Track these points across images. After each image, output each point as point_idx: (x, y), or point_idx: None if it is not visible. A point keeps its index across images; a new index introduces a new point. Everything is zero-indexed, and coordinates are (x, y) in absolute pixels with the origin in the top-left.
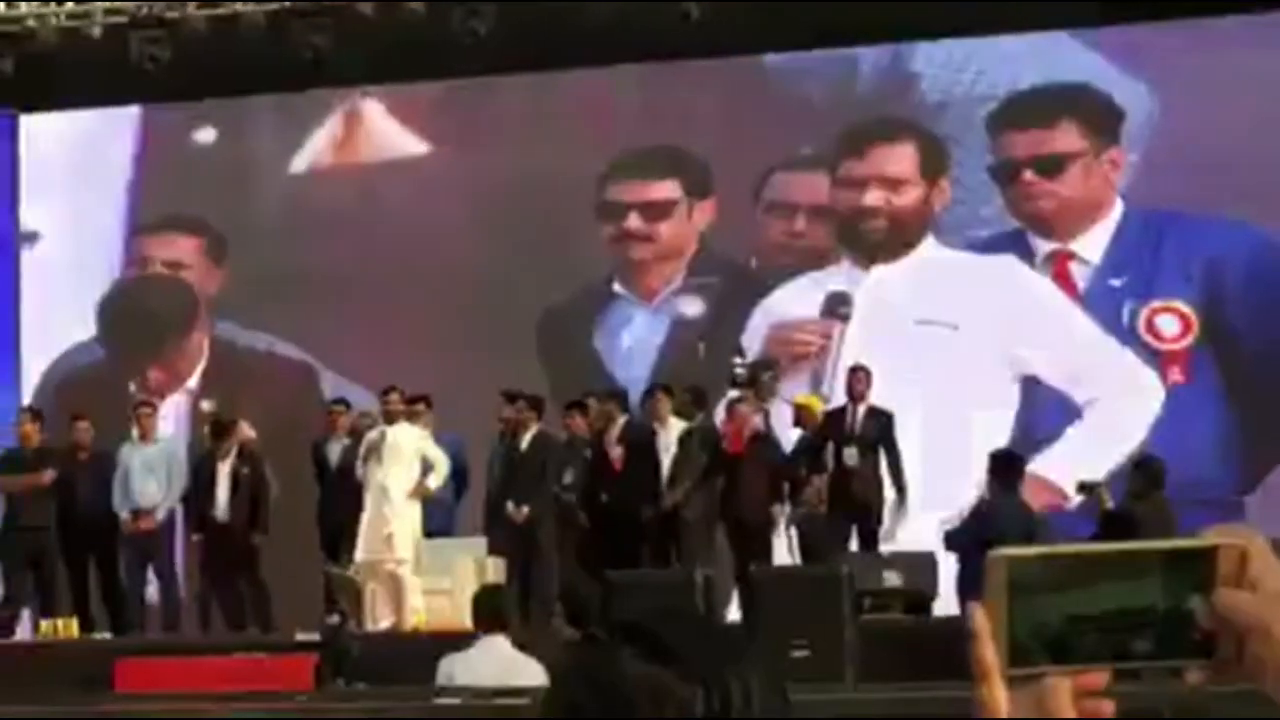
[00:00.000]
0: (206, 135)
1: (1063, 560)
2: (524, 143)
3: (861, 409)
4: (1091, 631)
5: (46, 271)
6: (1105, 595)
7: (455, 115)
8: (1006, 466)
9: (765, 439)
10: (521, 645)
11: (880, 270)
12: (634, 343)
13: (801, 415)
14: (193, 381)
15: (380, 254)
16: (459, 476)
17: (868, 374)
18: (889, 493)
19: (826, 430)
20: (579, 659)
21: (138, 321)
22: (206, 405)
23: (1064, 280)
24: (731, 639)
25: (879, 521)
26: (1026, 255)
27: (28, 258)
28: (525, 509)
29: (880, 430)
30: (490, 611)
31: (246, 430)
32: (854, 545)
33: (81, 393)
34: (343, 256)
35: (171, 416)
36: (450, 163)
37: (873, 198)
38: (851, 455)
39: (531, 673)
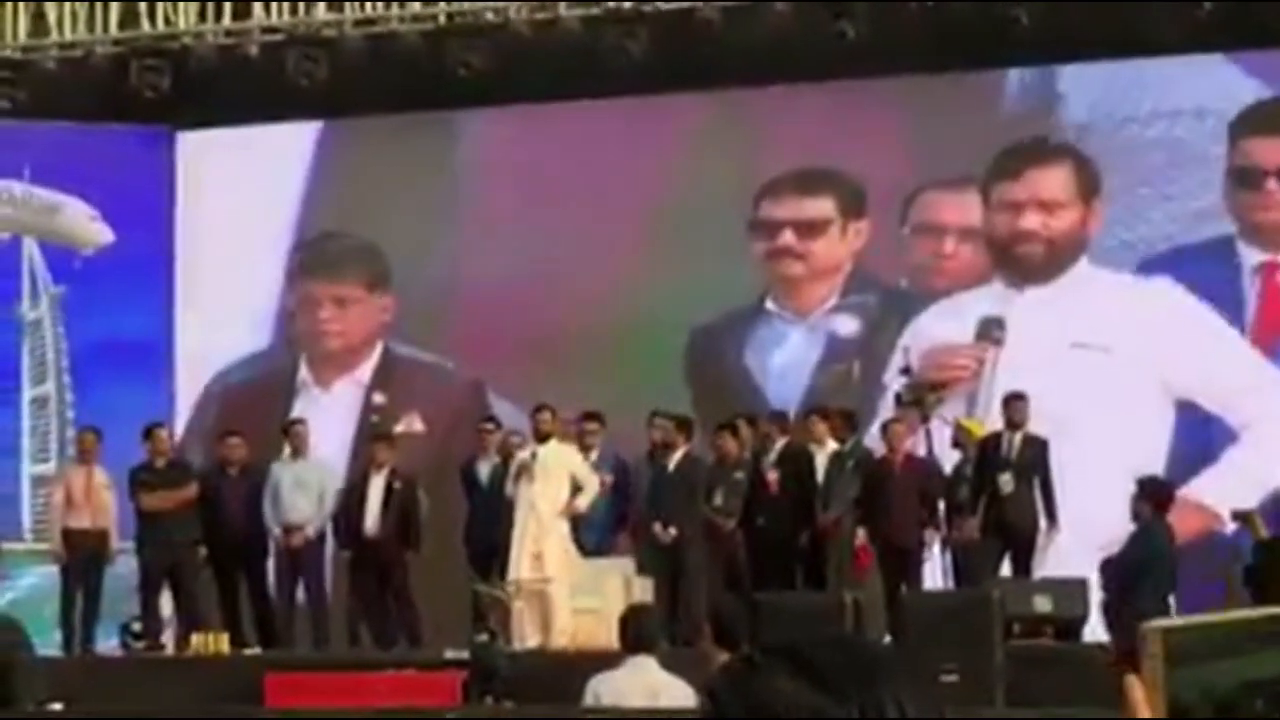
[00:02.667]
0: (363, 152)
1: (1220, 629)
2: (677, 161)
3: (1018, 436)
4: (1262, 696)
5: (201, 288)
6: (1270, 661)
7: (610, 134)
8: (1155, 492)
9: (920, 461)
10: (668, 666)
11: (1033, 293)
12: (786, 361)
13: (961, 437)
14: (364, 374)
15: (536, 272)
16: (619, 495)
17: (1025, 401)
18: (1042, 520)
19: (983, 456)
20: (733, 680)
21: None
22: (379, 398)
23: (1270, 292)
24: (884, 660)
25: (1032, 548)
26: (1230, 264)
27: (182, 274)
28: (672, 529)
29: (1035, 457)
30: (638, 631)
31: (418, 424)
32: (1006, 570)
33: (237, 408)
34: (501, 276)
35: (338, 405)
36: (605, 181)
37: (1029, 221)
38: (1007, 482)
39: (680, 694)
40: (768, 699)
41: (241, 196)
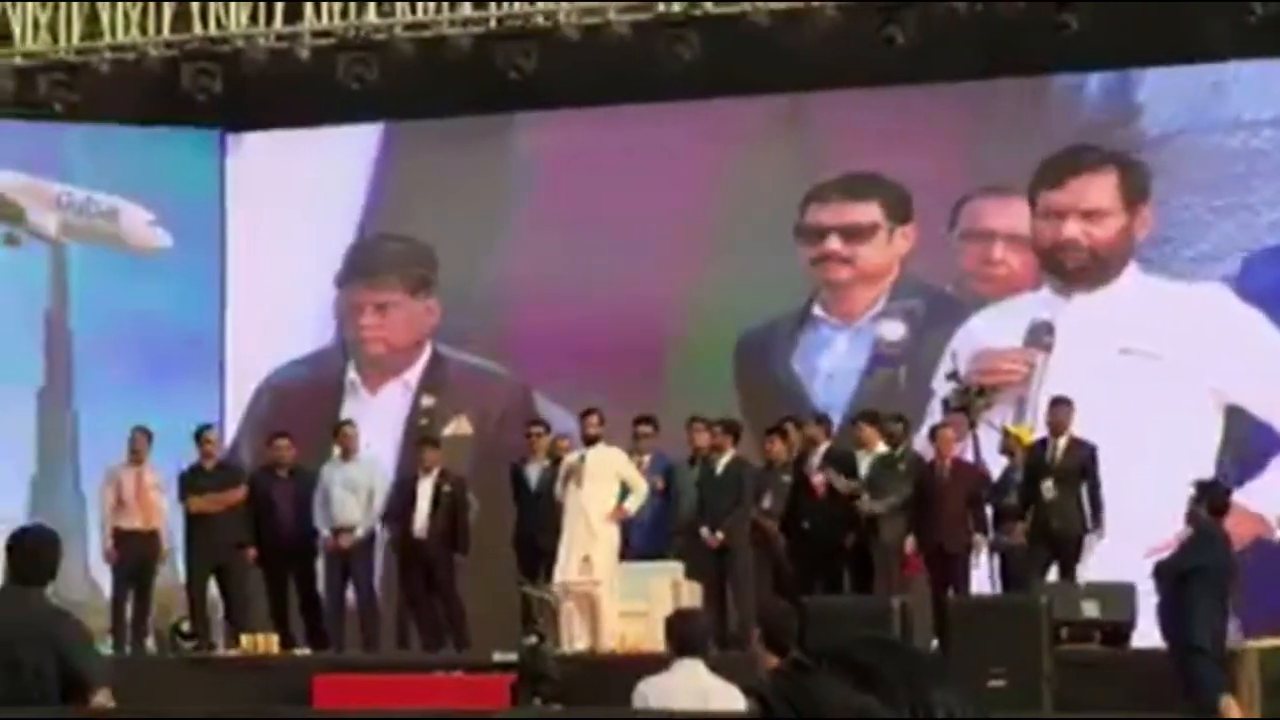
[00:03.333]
0: (413, 155)
1: None
2: (725, 166)
3: (1063, 441)
4: None
5: (252, 290)
6: None
7: (658, 139)
8: (1213, 496)
9: (968, 466)
10: (717, 669)
11: (1082, 299)
12: (834, 366)
13: (1009, 443)
14: (412, 376)
15: (584, 276)
16: (667, 499)
17: (1069, 406)
18: (1089, 525)
19: (1031, 462)
20: (782, 684)
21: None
22: (428, 401)
23: None
24: (933, 664)
25: (1078, 554)
26: None
27: (234, 275)
28: (719, 534)
29: (1082, 462)
30: (686, 635)
31: (465, 425)
32: (1053, 576)
33: (286, 410)
34: (547, 279)
35: (387, 407)
36: (653, 185)
37: (1072, 230)
38: (1049, 489)
39: (728, 698)
40: (817, 702)
41: (292, 199)
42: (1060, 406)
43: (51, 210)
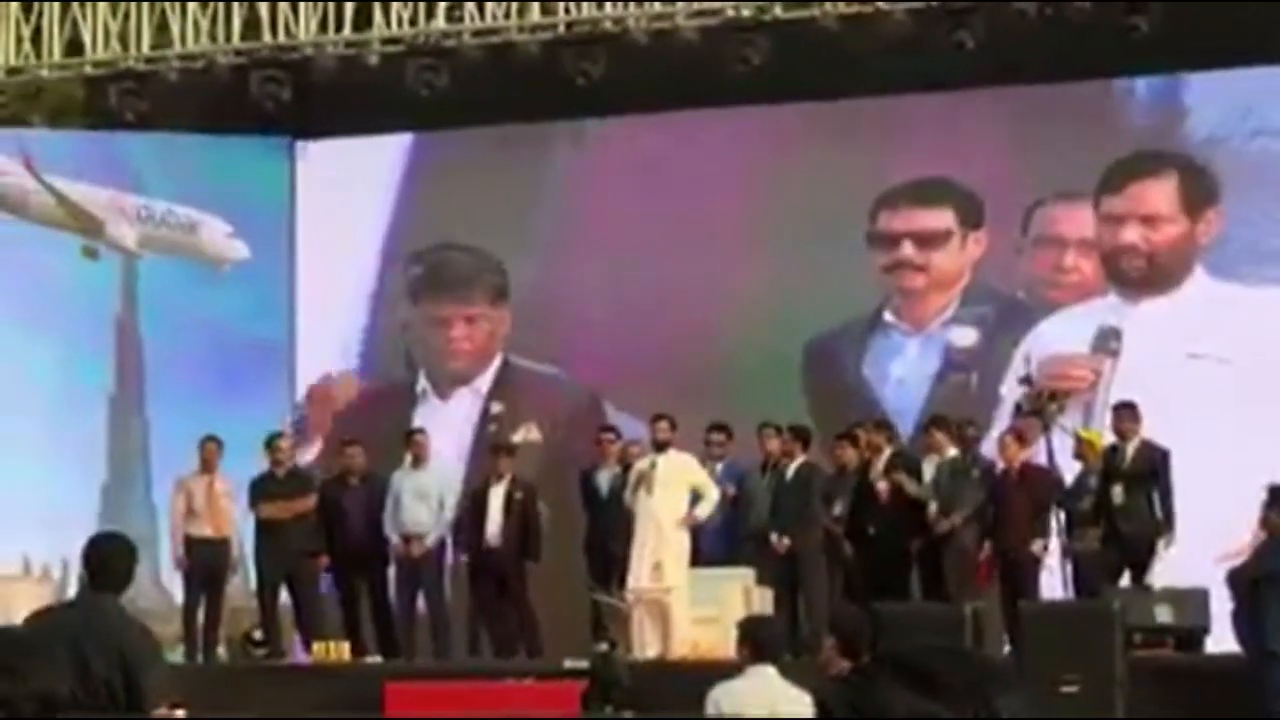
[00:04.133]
0: (482, 162)
1: None
2: (794, 171)
3: (1132, 446)
4: None
5: (323, 297)
6: None
7: (728, 143)
8: None
9: (1037, 471)
10: (789, 676)
11: (1149, 304)
12: (904, 372)
13: (1082, 448)
14: (482, 384)
15: (653, 282)
16: (739, 504)
17: (1133, 410)
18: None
19: (1105, 467)
20: (846, 689)
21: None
22: (497, 407)
23: None
24: (998, 670)
25: (1150, 559)
26: None
27: (303, 283)
28: (787, 539)
29: (1154, 465)
30: (760, 641)
31: (534, 432)
32: (1125, 581)
33: (356, 417)
34: (617, 285)
35: (457, 415)
36: (722, 190)
37: (1130, 235)
38: (1118, 493)
39: (801, 704)
40: (881, 707)
41: (361, 206)
42: (1124, 411)
43: (130, 223)
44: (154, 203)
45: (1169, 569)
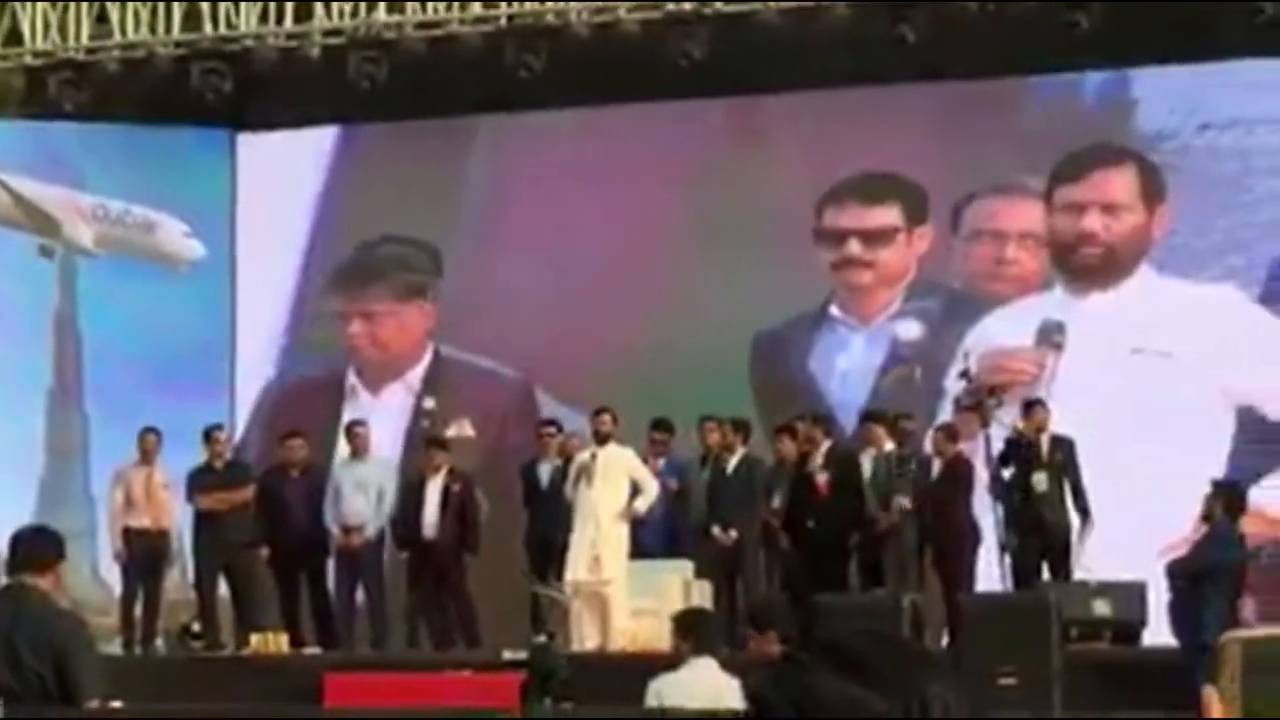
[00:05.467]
0: (423, 154)
1: None
2: (736, 165)
3: (1045, 438)
4: None
5: (261, 290)
6: None
7: (670, 136)
8: (1230, 495)
9: (968, 464)
10: (728, 667)
11: (1094, 298)
12: (850, 366)
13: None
14: (414, 378)
15: (594, 276)
16: (681, 498)
17: (1044, 405)
18: (1074, 518)
19: (1016, 457)
20: (779, 679)
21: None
22: (429, 402)
23: None
24: (930, 658)
25: (1069, 548)
26: None
27: (243, 276)
28: (733, 532)
29: (1065, 457)
30: (698, 633)
31: (468, 428)
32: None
33: (292, 411)
34: (557, 277)
35: (389, 410)
36: (665, 183)
37: (1091, 223)
38: (1041, 481)
39: (740, 696)
40: (815, 697)
41: (301, 199)
42: (1037, 405)
43: (87, 223)
44: (110, 202)
45: (1107, 562)
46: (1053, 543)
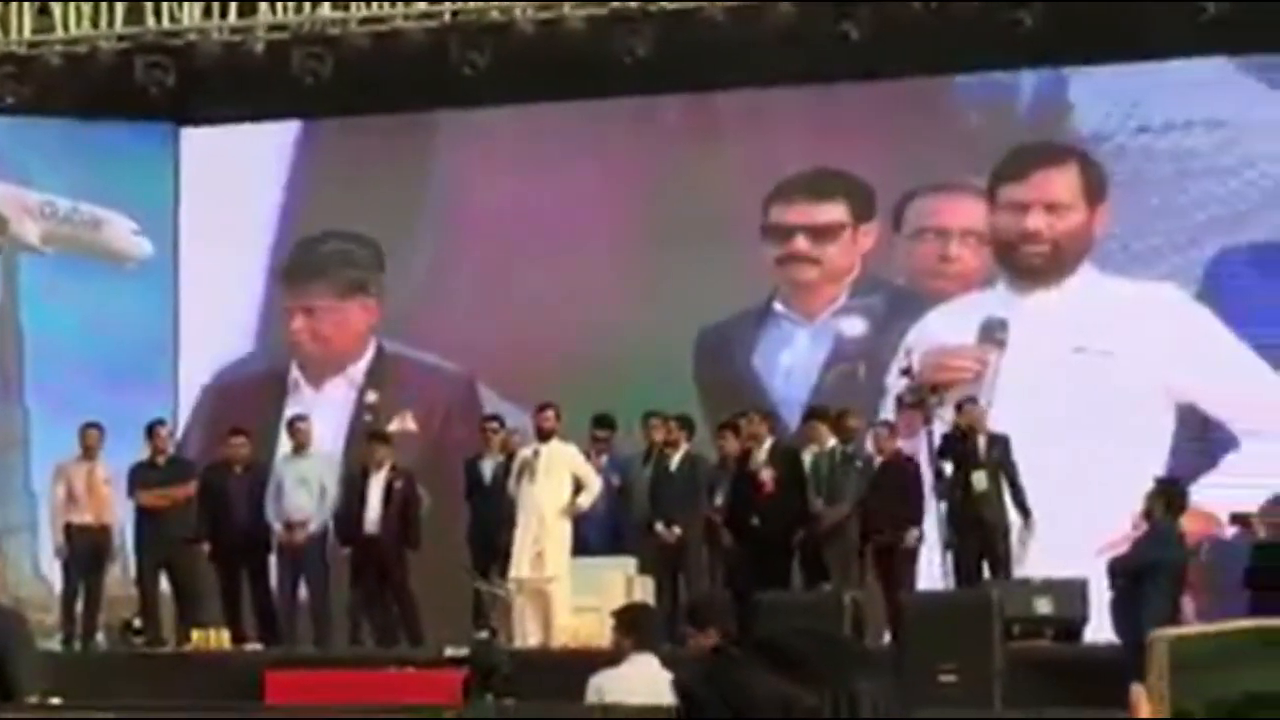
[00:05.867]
0: (367, 150)
1: (1229, 638)
2: (679, 161)
3: (981, 437)
4: (1265, 708)
5: (204, 285)
6: (1275, 673)
7: (615, 134)
8: (1171, 493)
9: (914, 462)
10: (670, 664)
11: (1037, 296)
12: (793, 362)
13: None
14: (357, 373)
15: (538, 271)
16: (624, 494)
17: (977, 403)
18: (1013, 516)
19: (952, 453)
20: (708, 673)
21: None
22: (372, 397)
23: None
24: (862, 654)
25: (1008, 545)
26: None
27: (186, 271)
28: (676, 529)
29: (1001, 454)
30: (640, 629)
31: (410, 422)
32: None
33: (235, 407)
34: (502, 273)
35: (332, 404)
36: (610, 180)
37: (1035, 222)
38: (980, 480)
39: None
40: (745, 691)
41: (244, 193)
42: (971, 404)
43: (34, 220)
44: (58, 200)
45: (1049, 560)
46: (992, 541)
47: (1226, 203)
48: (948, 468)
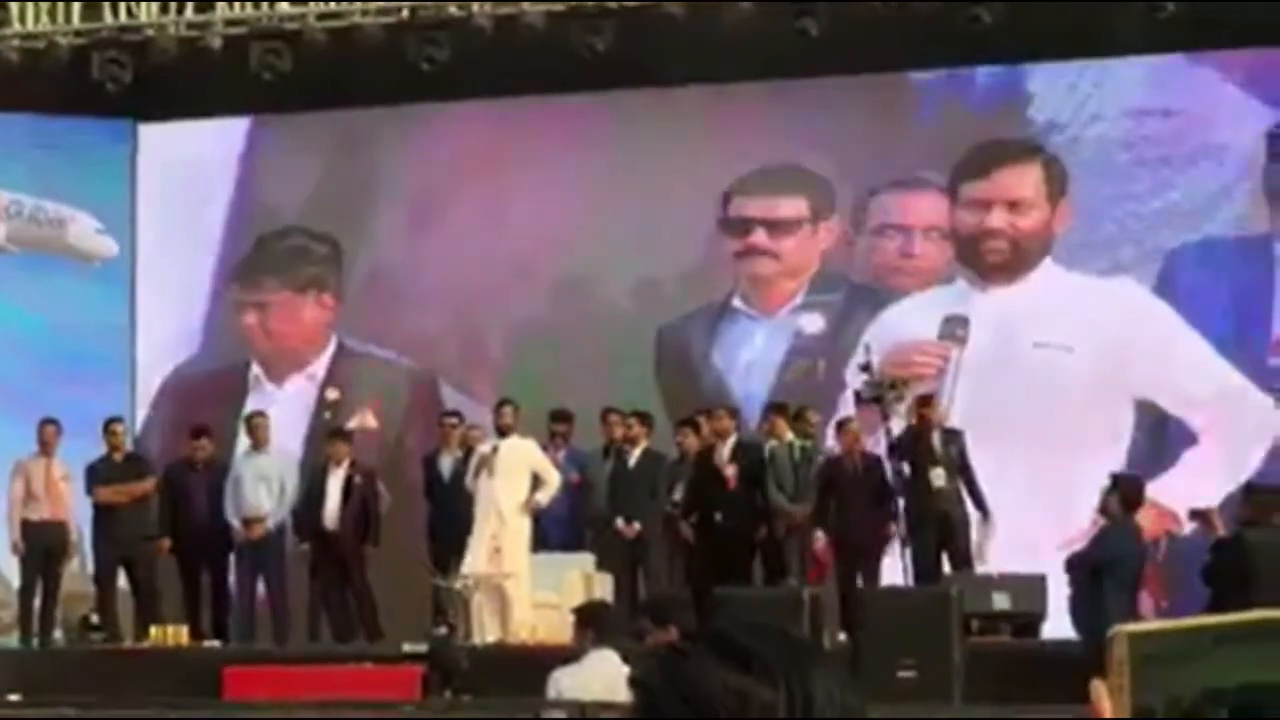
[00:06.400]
0: (324, 146)
1: (1188, 633)
2: (638, 157)
3: (937, 433)
4: (1225, 705)
5: (162, 281)
6: (1237, 668)
7: (575, 130)
8: (1128, 489)
9: (875, 459)
10: (628, 660)
11: (997, 292)
12: (753, 358)
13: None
14: (317, 369)
15: (498, 267)
16: (584, 490)
17: (934, 399)
18: (971, 511)
19: (910, 449)
20: (662, 668)
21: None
22: (332, 394)
23: None
24: (811, 646)
25: (968, 541)
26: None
27: (144, 268)
28: (636, 525)
29: (959, 450)
30: (599, 625)
31: (370, 419)
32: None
33: (193, 404)
34: (461, 269)
35: (292, 401)
36: (569, 177)
37: (996, 219)
38: (939, 476)
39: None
40: (697, 685)
41: (202, 190)
42: (926, 400)
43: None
44: (23, 198)
45: (1007, 555)
46: (952, 536)
47: (1185, 192)
48: (903, 463)
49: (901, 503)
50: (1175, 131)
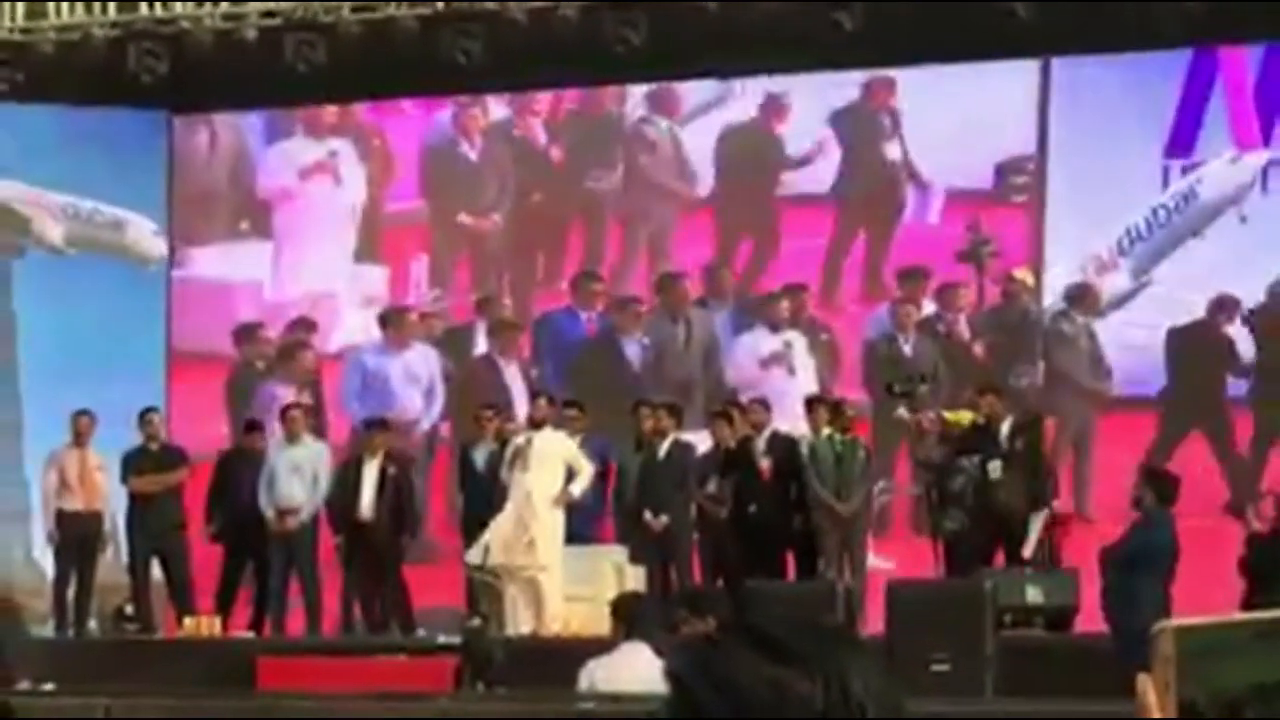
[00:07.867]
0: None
1: (1231, 628)
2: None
3: (1005, 425)
4: (1271, 700)
5: (197, 272)
6: (1278, 663)
7: (583, 121)
8: (1160, 481)
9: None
10: (660, 652)
11: None
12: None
13: (947, 430)
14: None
15: (520, 256)
16: (605, 480)
17: (1000, 393)
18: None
19: (973, 445)
20: (694, 658)
21: None
22: None
23: None
24: (848, 638)
25: (1024, 535)
26: None
27: (180, 258)
28: (664, 517)
29: (1027, 441)
30: (632, 618)
31: None
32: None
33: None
34: (486, 257)
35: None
36: (580, 168)
37: None
38: (995, 468)
39: None
40: (731, 676)
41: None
42: (992, 393)
43: (56, 221)
44: (80, 201)
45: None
46: (1007, 531)
47: None
48: (964, 461)
49: (934, 494)
50: None
